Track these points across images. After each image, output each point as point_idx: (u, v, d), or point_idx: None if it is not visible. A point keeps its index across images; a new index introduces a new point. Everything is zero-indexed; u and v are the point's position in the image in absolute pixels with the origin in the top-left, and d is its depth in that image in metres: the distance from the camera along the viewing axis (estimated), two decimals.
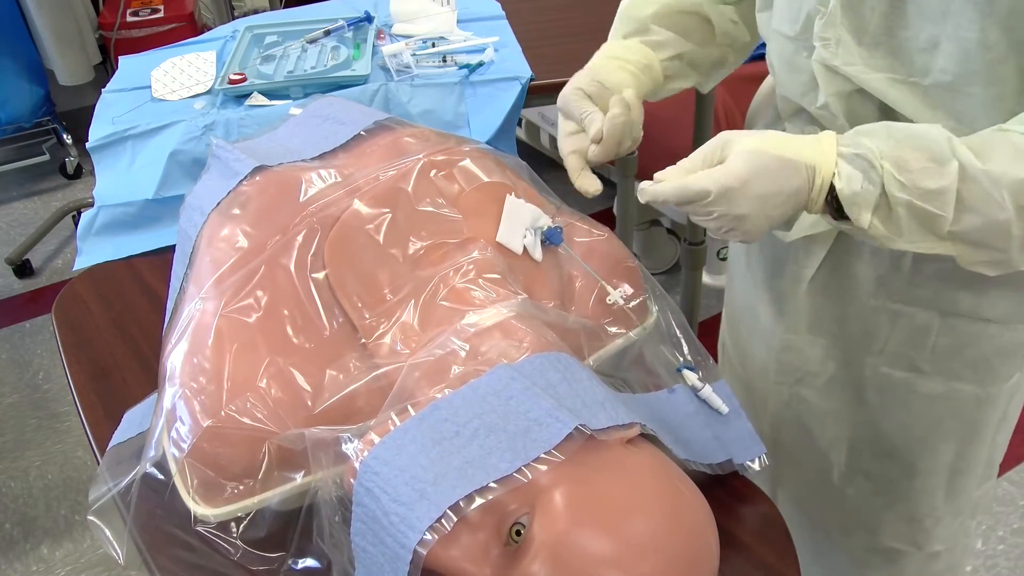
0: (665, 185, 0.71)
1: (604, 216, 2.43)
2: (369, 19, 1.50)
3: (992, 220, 0.66)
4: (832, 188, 0.68)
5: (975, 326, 0.84)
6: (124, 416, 0.80)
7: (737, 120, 1.98)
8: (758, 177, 0.68)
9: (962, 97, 0.70)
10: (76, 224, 2.23)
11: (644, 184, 0.73)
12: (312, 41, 1.43)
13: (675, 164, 0.73)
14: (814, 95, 0.80)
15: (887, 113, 0.76)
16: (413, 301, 0.72)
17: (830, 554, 1.08)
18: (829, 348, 0.95)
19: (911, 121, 0.73)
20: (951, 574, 1.05)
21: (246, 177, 0.80)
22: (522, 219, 0.78)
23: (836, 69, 0.75)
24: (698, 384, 0.77)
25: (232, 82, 1.32)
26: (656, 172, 0.73)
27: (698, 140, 1.74)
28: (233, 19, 2.40)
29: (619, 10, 0.95)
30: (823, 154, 0.69)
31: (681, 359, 0.79)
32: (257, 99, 1.31)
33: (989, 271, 0.70)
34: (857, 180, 0.67)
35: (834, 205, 0.69)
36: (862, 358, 0.92)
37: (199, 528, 0.65)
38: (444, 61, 1.40)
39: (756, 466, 0.75)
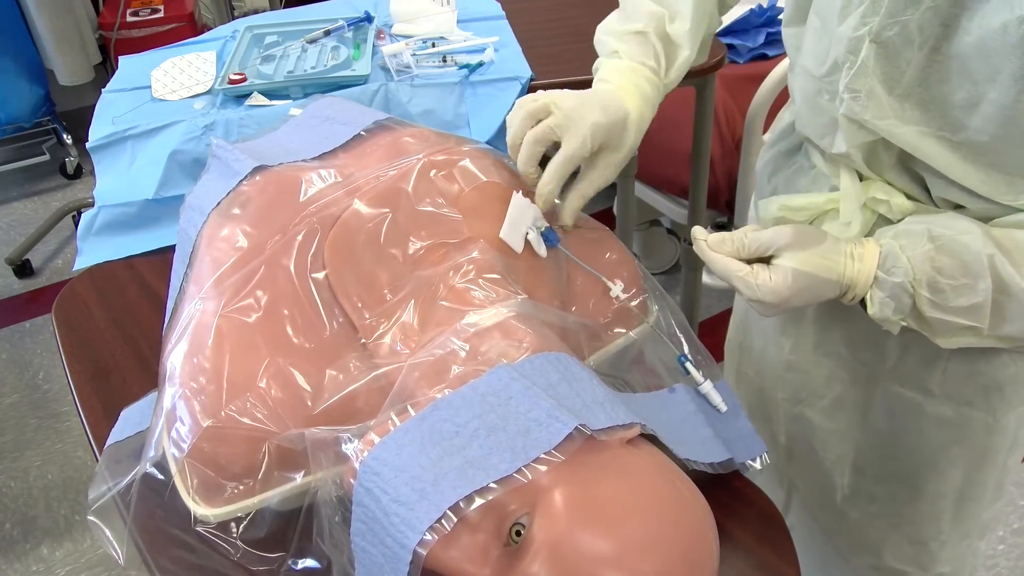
0: (715, 258, 0.75)
1: (604, 216, 2.42)
2: (369, 19, 1.50)
3: None
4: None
5: (987, 353, 0.83)
6: (121, 414, 0.80)
7: (737, 120, 1.97)
8: (797, 296, 0.73)
9: (997, 154, 0.69)
10: (76, 224, 2.23)
11: (699, 235, 0.77)
12: (312, 41, 1.43)
13: (731, 235, 0.76)
14: (831, 139, 0.79)
15: (907, 159, 0.75)
16: (413, 301, 0.72)
17: (836, 568, 1.08)
18: (835, 369, 0.94)
19: (937, 170, 0.72)
20: None
21: (246, 177, 0.80)
22: (526, 217, 0.79)
23: (864, 124, 0.73)
24: (699, 378, 0.77)
25: (232, 82, 1.32)
26: (714, 237, 0.77)
27: (697, 140, 1.74)
28: (233, 19, 2.40)
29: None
30: (862, 274, 0.72)
31: (680, 356, 0.79)
32: (257, 99, 1.31)
33: None
34: (889, 307, 0.71)
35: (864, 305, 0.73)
36: (871, 379, 0.91)
37: (199, 528, 0.65)
38: (444, 61, 1.40)
39: (757, 465, 0.75)
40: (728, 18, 2.06)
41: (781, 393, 1.02)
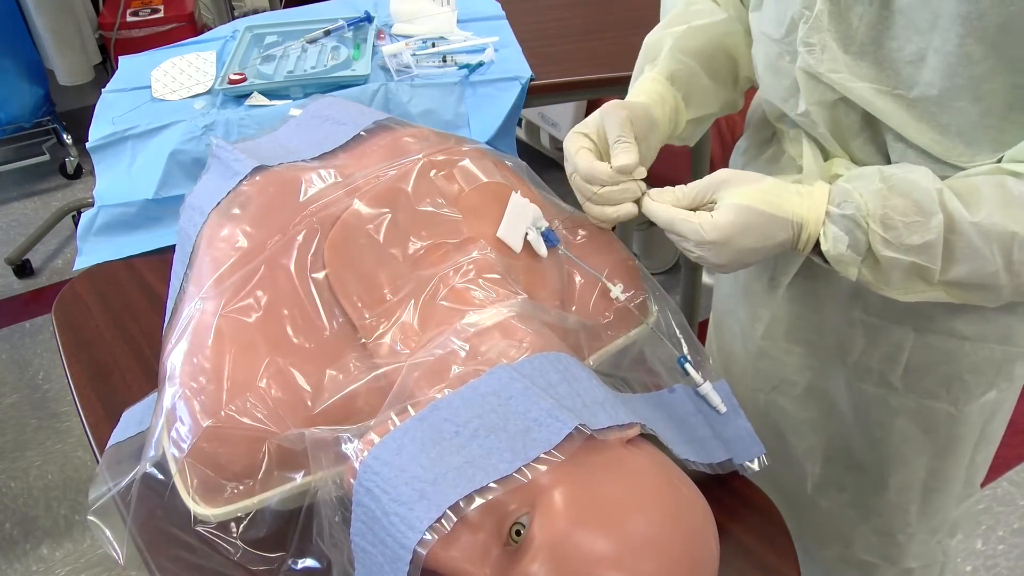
0: (657, 207, 0.74)
1: None
2: (369, 19, 1.50)
3: (980, 270, 0.67)
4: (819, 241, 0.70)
5: (949, 343, 0.83)
6: (123, 415, 0.80)
7: (737, 120, 1.98)
8: (744, 234, 0.70)
9: (948, 111, 0.69)
10: (76, 224, 2.23)
11: (644, 196, 0.76)
12: (312, 41, 1.43)
13: (673, 187, 0.75)
14: (795, 101, 0.79)
15: (871, 124, 0.76)
16: (413, 301, 0.72)
17: (805, 564, 1.08)
18: (805, 357, 0.95)
19: (897, 133, 0.73)
20: None
21: (246, 177, 0.80)
22: (525, 217, 0.79)
23: (820, 76, 0.74)
24: (698, 379, 0.77)
25: (232, 82, 1.32)
26: (655, 191, 0.76)
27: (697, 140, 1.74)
28: (233, 19, 2.40)
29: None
30: (812, 210, 0.70)
31: (680, 356, 0.79)
32: (257, 99, 1.31)
33: (984, 305, 0.72)
34: (843, 242, 0.69)
35: (822, 256, 0.71)
36: (837, 370, 0.92)
37: (199, 528, 0.65)
38: (444, 61, 1.40)
39: (755, 466, 0.75)
40: None
41: (752, 383, 1.02)
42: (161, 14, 2.86)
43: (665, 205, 0.74)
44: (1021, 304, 0.81)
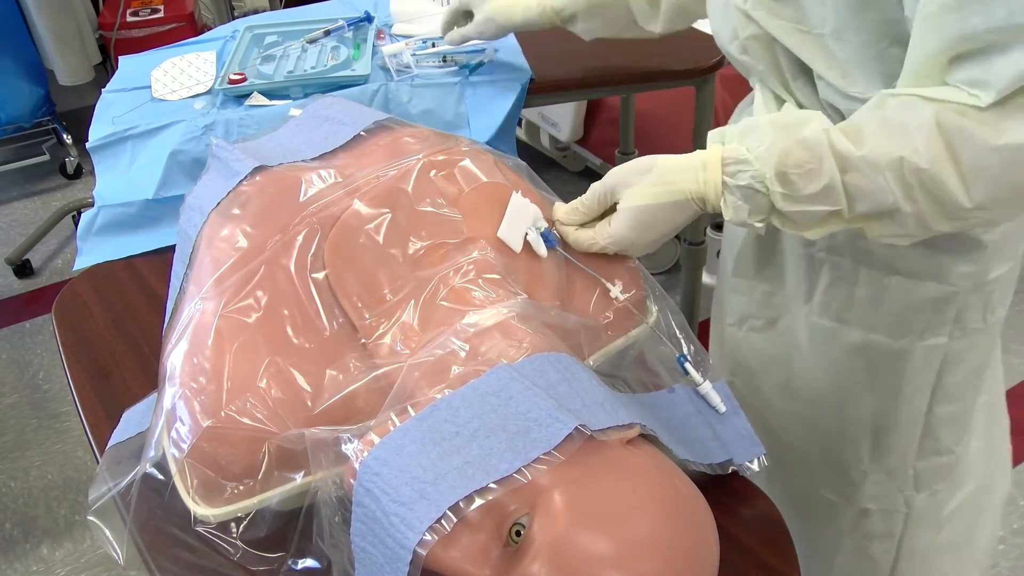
0: (572, 239, 0.80)
1: None
2: (369, 19, 1.50)
3: (881, 203, 0.69)
4: None
5: (888, 279, 0.86)
6: (123, 416, 0.80)
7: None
8: (646, 232, 0.76)
9: (842, 45, 0.73)
10: (76, 224, 2.23)
11: (558, 215, 0.82)
12: (312, 41, 1.43)
13: (575, 203, 0.80)
14: (738, 44, 0.83)
15: (805, 66, 0.79)
16: (413, 301, 0.73)
17: (780, 503, 1.11)
18: (770, 294, 0.99)
19: (814, 69, 0.77)
20: (889, 542, 1.05)
21: (246, 177, 0.80)
22: (525, 217, 0.79)
23: (748, 13, 0.79)
24: (698, 379, 0.77)
25: (232, 82, 1.32)
26: (558, 207, 0.82)
27: (697, 140, 1.74)
28: (233, 19, 2.40)
29: None
30: (709, 184, 0.73)
31: (680, 355, 0.80)
32: (257, 99, 1.31)
33: (901, 243, 0.73)
34: (743, 210, 0.72)
35: None
36: (798, 306, 0.95)
37: (199, 528, 0.65)
38: (444, 61, 1.40)
39: (755, 466, 0.75)
40: None
41: (727, 318, 1.06)
42: (161, 14, 2.87)
43: (571, 231, 0.80)
44: (952, 241, 0.83)
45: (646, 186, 0.74)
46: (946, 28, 0.63)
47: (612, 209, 0.78)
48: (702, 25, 1.21)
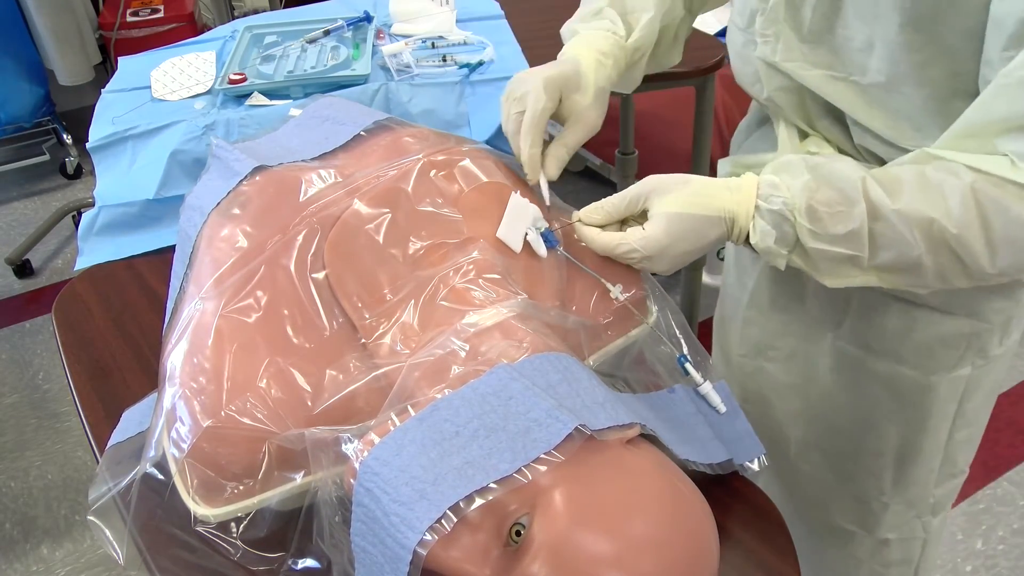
0: (591, 237, 0.78)
1: None
2: (368, 19, 1.50)
3: (905, 255, 0.68)
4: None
5: (918, 311, 0.86)
6: (123, 415, 0.80)
7: (736, 120, 1.97)
8: (679, 241, 0.74)
9: (896, 97, 0.72)
10: (76, 224, 2.23)
11: (578, 223, 0.79)
12: (312, 41, 1.43)
13: (602, 202, 0.78)
14: (760, 87, 0.83)
15: (832, 108, 0.78)
16: (413, 301, 0.72)
17: (792, 529, 1.10)
18: (788, 324, 0.98)
19: (853, 118, 0.76)
20: (907, 568, 1.05)
21: (246, 177, 0.80)
22: (524, 217, 0.79)
23: (776, 65, 0.78)
24: (698, 379, 0.77)
25: (232, 82, 1.31)
26: (587, 209, 0.79)
27: (697, 140, 1.74)
28: (233, 19, 2.40)
29: None
30: (742, 204, 0.72)
31: (680, 356, 0.79)
32: (257, 99, 1.31)
33: (919, 291, 0.74)
34: (770, 236, 0.71)
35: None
36: (820, 333, 0.94)
37: (199, 528, 0.65)
38: (444, 61, 1.40)
39: (755, 467, 0.75)
40: (726, 18, 2.06)
41: (738, 349, 1.05)
42: (161, 14, 2.87)
43: (597, 232, 0.77)
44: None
45: (683, 195, 0.73)
46: (1020, 101, 0.62)
47: (637, 217, 0.77)
48: (702, 25, 1.21)
